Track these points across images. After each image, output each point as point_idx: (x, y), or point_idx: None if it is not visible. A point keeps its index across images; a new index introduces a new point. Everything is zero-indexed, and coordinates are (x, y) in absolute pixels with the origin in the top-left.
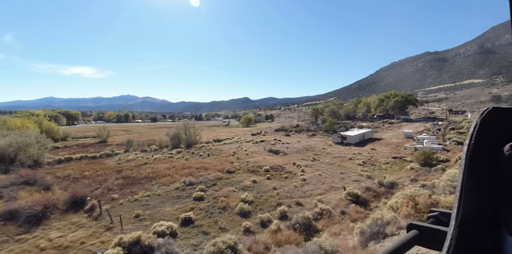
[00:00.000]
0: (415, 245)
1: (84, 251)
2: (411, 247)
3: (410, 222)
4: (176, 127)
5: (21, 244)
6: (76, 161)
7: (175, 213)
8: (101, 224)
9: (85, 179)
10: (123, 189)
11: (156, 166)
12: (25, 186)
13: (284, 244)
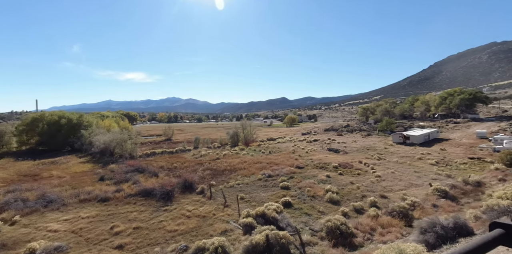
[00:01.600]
0: (500, 245)
1: (218, 220)
2: (495, 247)
3: (493, 220)
4: (235, 126)
5: (169, 213)
6: (159, 155)
7: (271, 198)
8: (217, 203)
9: (178, 169)
10: (213, 178)
11: (229, 160)
12: (137, 173)
13: (387, 227)
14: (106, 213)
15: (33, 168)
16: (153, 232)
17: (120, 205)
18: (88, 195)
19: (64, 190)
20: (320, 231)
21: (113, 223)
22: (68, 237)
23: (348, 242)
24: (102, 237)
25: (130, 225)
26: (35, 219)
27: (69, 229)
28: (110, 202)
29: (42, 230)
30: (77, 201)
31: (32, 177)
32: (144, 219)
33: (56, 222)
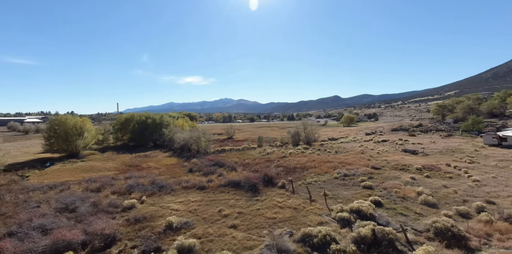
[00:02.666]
0: None
1: (310, 212)
2: None
3: None
4: (295, 125)
5: (262, 202)
6: (228, 151)
7: (356, 196)
8: (302, 197)
9: (251, 165)
10: (287, 174)
11: (296, 158)
12: (217, 167)
13: (506, 233)
14: (208, 199)
15: (133, 160)
16: (255, 217)
17: (216, 193)
18: (187, 183)
19: (167, 178)
20: (426, 232)
21: (218, 207)
22: (188, 216)
23: (462, 245)
24: (215, 218)
25: (234, 210)
26: (157, 200)
27: (186, 209)
28: (207, 190)
29: (166, 208)
30: (181, 188)
31: (135, 167)
32: (242, 206)
33: (173, 203)
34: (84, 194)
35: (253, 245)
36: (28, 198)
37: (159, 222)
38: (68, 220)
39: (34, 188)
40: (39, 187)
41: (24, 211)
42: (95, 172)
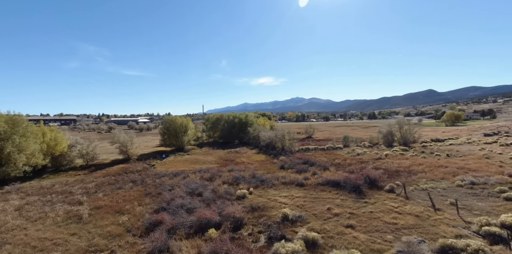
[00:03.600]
0: None
1: (439, 222)
2: None
3: None
4: (388, 124)
5: (372, 205)
6: (313, 151)
7: (498, 209)
8: (420, 204)
9: (342, 165)
10: (390, 178)
11: (395, 161)
12: (308, 165)
13: None
14: (310, 196)
15: (226, 155)
16: (371, 220)
17: (317, 191)
18: (284, 179)
19: (264, 173)
20: None
21: (324, 205)
22: (298, 210)
23: None
24: (326, 215)
25: (344, 210)
26: (262, 192)
27: (293, 204)
28: (306, 187)
29: (274, 201)
30: (280, 183)
31: (231, 161)
32: (351, 206)
33: (278, 196)
34: (201, 182)
35: (380, 248)
36: (162, 182)
37: (273, 212)
38: (200, 202)
39: (163, 175)
40: (166, 174)
41: (163, 192)
42: (200, 164)
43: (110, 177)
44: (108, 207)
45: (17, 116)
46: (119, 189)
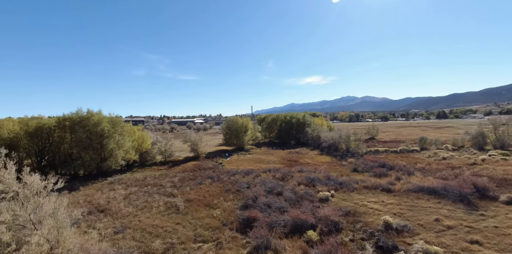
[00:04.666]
0: None
1: None
2: None
3: None
4: (479, 123)
5: (493, 219)
6: (383, 153)
7: None
8: None
9: (428, 170)
10: (499, 187)
11: (499, 167)
12: (385, 169)
13: None
14: (405, 203)
15: (288, 155)
16: (500, 236)
17: (411, 198)
18: (364, 183)
19: (338, 175)
20: None
21: (428, 215)
22: (399, 218)
23: None
24: (437, 227)
25: (458, 222)
26: (345, 196)
27: (388, 211)
28: (395, 193)
29: (363, 206)
30: (361, 187)
31: (295, 162)
32: (464, 218)
33: (366, 201)
34: (276, 181)
35: None
36: (236, 179)
37: (368, 218)
38: (285, 202)
39: (235, 173)
40: (238, 172)
41: (242, 189)
42: (265, 163)
43: (188, 173)
44: (198, 200)
45: (116, 118)
46: (200, 184)
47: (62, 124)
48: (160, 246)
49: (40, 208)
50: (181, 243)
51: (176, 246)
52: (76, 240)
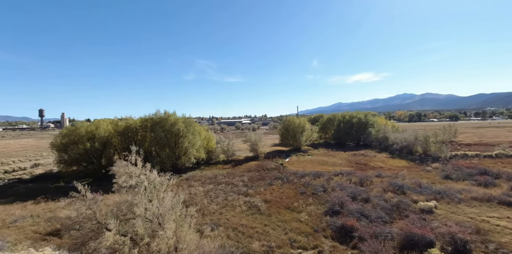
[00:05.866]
0: None
1: None
2: None
3: None
4: None
5: None
6: (474, 157)
7: None
8: None
9: None
10: None
11: None
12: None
13: None
14: None
15: (353, 158)
16: None
17: None
18: (469, 194)
19: (429, 182)
20: None
21: None
22: None
23: None
24: None
25: None
26: (452, 208)
27: None
28: None
29: (483, 222)
30: (469, 198)
31: (364, 165)
32: None
33: (486, 216)
34: (355, 186)
35: None
36: (308, 182)
37: (501, 238)
38: (380, 211)
39: (303, 174)
40: (306, 173)
41: (318, 192)
42: (329, 165)
43: (254, 173)
44: (276, 202)
45: (189, 118)
46: (271, 184)
47: (144, 124)
48: (259, 248)
49: (162, 203)
50: (279, 247)
51: (274, 250)
52: (192, 236)
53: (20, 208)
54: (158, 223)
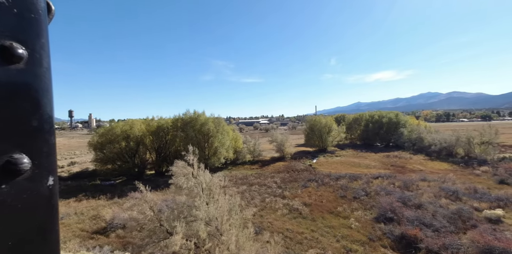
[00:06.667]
0: None
1: None
2: None
3: None
4: None
5: None
6: None
7: None
8: None
9: None
10: None
11: None
12: None
13: None
14: None
15: (386, 160)
16: None
17: None
18: None
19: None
20: None
21: None
22: None
23: None
24: None
25: None
26: None
27: None
28: None
29: None
30: None
31: (402, 168)
32: None
33: None
34: (400, 191)
35: None
36: (345, 184)
37: None
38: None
39: (337, 176)
40: (341, 176)
41: (361, 197)
42: (362, 167)
43: (284, 174)
44: (317, 205)
45: (218, 118)
46: (305, 186)
47: (175, 124)
48: None
49: (218, 205)
50: None
51: None
52: (251, 242)
53: (64, 205)
54: (216, 227)
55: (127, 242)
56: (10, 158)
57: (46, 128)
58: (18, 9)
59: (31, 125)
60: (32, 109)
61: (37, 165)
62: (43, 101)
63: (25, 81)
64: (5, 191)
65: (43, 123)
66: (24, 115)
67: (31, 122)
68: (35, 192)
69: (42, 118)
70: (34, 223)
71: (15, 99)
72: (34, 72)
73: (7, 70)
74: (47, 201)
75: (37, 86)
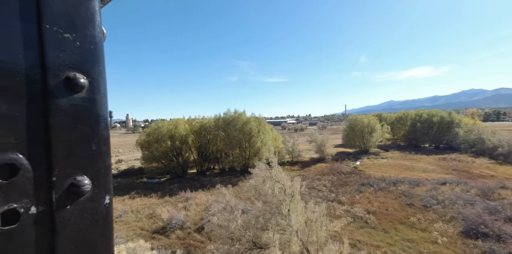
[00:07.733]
0: None
1: None
2: None
3: None
4: None
5: None
6: None
7: None
8: None
9: None
10: None
11: None
12: None
13: None
14: None
15: (443, 163)
16: None
17: None
18: None
19: None
20: None
21: None
22: None
23: None
24: None
25: None
26: None
27: None
28: None
29: None
30: None
31: (466, 172)
32: None
33: None
34: (481, 200)
35: None
36: (406, 191)
37: None
38: None
39: (394, 181)
40: (398, 180)
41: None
42: (418, 171)
43: (331, 176)
44: (383, 214)
45: (259, 117)
46: (361, 191)
47: (216, 124)
48: None
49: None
50: None
51: None
52: None
53: (120, 203)
54: (301, 240)
55: (188, 244)
56: (74, 180)
57: (103, 150)
58: (80, 42)
59: (91, 148)
60: (92, 134)
61: (97, 185)
62: (101, 125)
63: (86, 108)
64: (69, 211)
65: (101, 146)
66: (86, 139)
67: (91, 146)
68: (94, 210)
69: (100, 141)
70: (92, 240)
71: (78, 125)
72: (93, 99)
73: (71, 100)
74: (104, 218)
75: (96, 112)
